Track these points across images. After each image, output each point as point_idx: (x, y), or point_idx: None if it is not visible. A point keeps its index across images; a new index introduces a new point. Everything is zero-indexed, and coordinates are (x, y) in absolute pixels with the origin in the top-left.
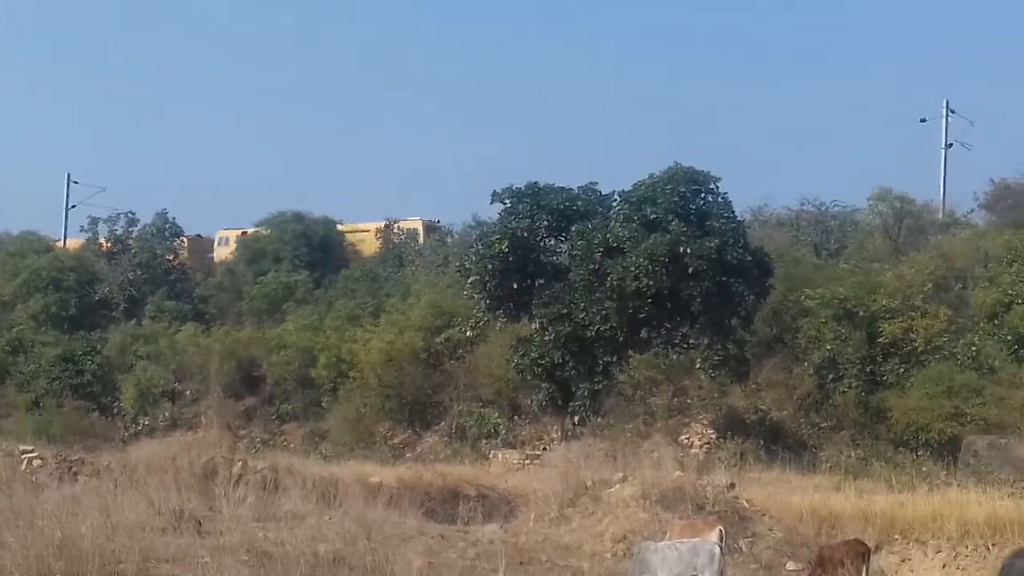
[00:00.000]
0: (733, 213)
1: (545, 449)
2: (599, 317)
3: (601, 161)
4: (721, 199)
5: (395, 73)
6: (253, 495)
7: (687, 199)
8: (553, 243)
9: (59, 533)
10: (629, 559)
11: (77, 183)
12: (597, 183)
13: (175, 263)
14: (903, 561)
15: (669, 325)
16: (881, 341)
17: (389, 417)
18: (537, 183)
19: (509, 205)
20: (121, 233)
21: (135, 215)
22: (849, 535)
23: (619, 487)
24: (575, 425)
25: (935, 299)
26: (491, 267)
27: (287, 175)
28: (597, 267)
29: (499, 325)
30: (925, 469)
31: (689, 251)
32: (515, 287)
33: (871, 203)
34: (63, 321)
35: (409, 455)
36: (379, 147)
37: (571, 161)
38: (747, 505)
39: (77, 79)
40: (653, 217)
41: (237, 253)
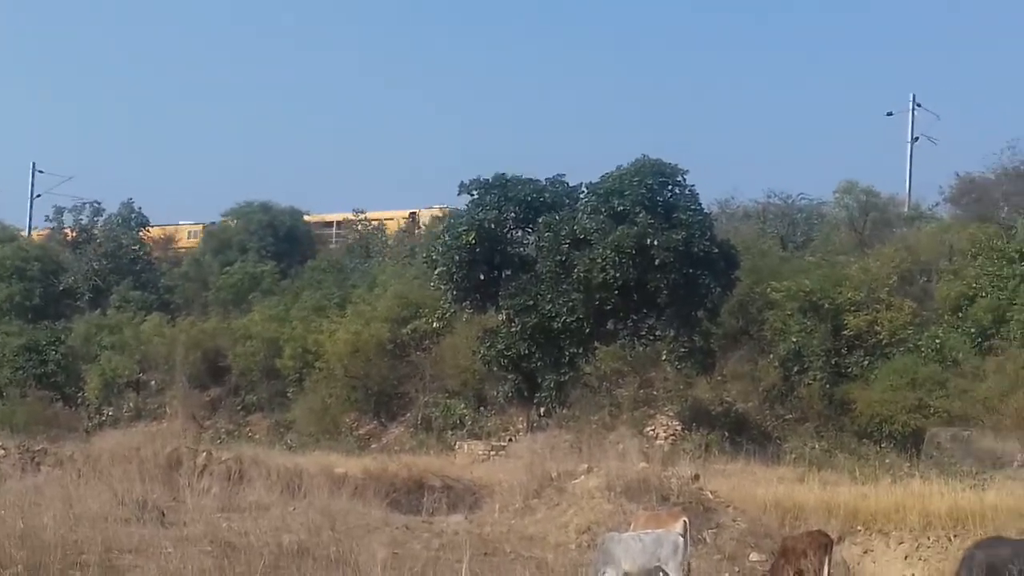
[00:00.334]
0: (700, 205)
1: (511, 440)
2: (566, 309)
3: (570, 156)
4: (688, 191)
5: (395, 73)
6: (217, 486)
7: (654, 191)
8: (520, 235)
9: (21, 523)
10: (593, 550)
11: (42, 172)
12: (565, 175)
13: (144, 255)
14: (866, 552)
15: (635, 317)
16: (846, 333)
17: (355, 408)
18: (504, 175)
19: (476, 196)
20: (86, 223)
21: (101, 205)
22: (812, 526)
23: (584, 478)
24: (541, 416)
25: (900, 292)
26: (458, 258)
27: (288, 175)
28: (564, 259)
29: (466, 316)
30: (888, 461)
31: (656, 243)
32: (482, 278)
33: (837, 196)
34: (27, 311)
35: (375, 446)
36: (379, 147)
37: (543, 155)
38: (711, 496)
39: (77, 79)
40: (620, 209)
41: (201, 244)
